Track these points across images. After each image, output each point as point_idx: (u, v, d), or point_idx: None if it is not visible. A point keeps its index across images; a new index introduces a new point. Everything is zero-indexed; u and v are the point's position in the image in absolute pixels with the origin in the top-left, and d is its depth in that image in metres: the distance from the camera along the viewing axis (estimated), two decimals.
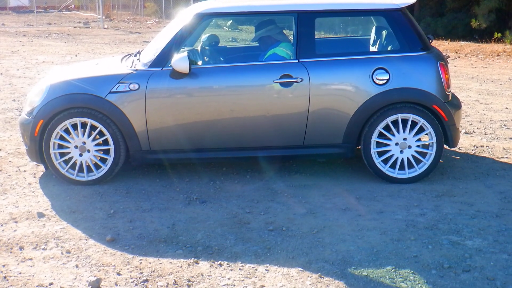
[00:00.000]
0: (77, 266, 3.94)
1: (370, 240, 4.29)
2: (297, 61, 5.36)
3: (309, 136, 5.40)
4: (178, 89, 5.31)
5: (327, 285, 3.68)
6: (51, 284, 3.70)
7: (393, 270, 3.85)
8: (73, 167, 5.43)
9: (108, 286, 3.68)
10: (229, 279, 3.77)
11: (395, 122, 5.38)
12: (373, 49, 6.05)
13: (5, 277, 3.78)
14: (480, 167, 5.89)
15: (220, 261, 3.99)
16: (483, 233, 4.41)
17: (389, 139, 5.40)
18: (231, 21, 21.30)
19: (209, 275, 3.81)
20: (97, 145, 5.39)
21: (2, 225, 4.59)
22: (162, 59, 5.34)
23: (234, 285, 3.69)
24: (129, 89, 5.28)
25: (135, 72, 5.35)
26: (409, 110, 5.33)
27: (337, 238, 4.34)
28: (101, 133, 5.37)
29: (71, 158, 5.42)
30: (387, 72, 5.32)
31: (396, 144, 5.39)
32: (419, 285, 3.66)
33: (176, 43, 5.38)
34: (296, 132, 5.39)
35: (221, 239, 4.33)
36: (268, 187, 5.40)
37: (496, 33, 17.23)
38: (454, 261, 3.96)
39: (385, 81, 5.32)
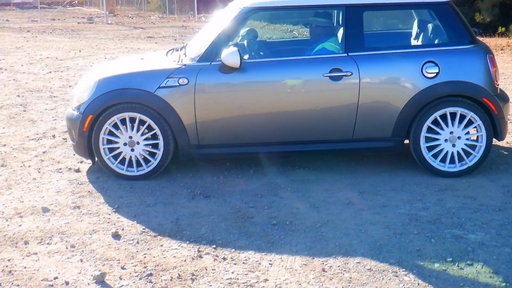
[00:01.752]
0: (81, 260, 3.96)
1: (373, 234, 4.31)
2: (346, 54, 5.37)
3: (359, 130, 5.41)
4: (227, 83, 5.32)
5: (330, 279, 3.69)
6: (55, 278, 3.73)
7: (396, 263, 3.86)
8: (122, 161, 5.45)
9: (113, 280, 3.70)
10: (232, 273, 3.79)
11: (444, 116, 5.37)
12: (415, 42, 6.04)
13: (10, 272, 3.81)
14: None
15: (224, 255, 4.01)
16: (486, 227, 4.42)
17: (439, 133, 5.39)
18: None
19: (213, 269, 3.83)
20: (146, 139, 5.40)
21: (7, 220, 4.62)
22: (211, 53, 5.36)
23: (238, 279, 3.71)
24: (178, 84, 5.29)
25: (183, 66, 5.37)
26: (459, 103, 5.33)
27: (340, 232, 4.35)
28: (150, 128, 5.38)
29: (120, 153, 5.44)
30: (436, 65, 5.32)
31: (446, 138, 5.39)
32: (422, 279, 3.67)
33: (224, 38, 5.39)
34: (345, 126, 5.40)
35: (224, 233, 4.35)
36: (271, 182, 5.42)
37: (500, 27, 17.18)
38: (457, 254, 3.97)
39: (434, 74, 5.31)
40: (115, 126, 5.39)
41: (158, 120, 5.32)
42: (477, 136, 5.44)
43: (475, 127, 5.42)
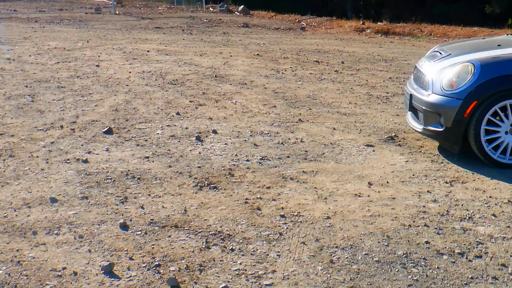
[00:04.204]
0: (89, 251, 3.97)
1: (381, 226, 4.30)
2: None
3: None
4: None
5: (338, 270, 3.69)
6: (64, 268, 3.74)
7: (405, 255, 3.85)
8: (496, 148, 5.48)
9: (121, 271, 3.71)
10: (240, 264, 3.78)
11: None
12: None
13: (18, 262, 3.82)
14: None
15: (231, 246, 4.01)
16: (495, 219, 4.40)
17: None
18: None
19: (220, 260, 3.83)
20: None
21: (15, 210, 4.63)
22: None
23: (246, 270, 3.70)
24: None
25: None
26: None
27: (349, 223, 4.34)
28: None
29: (497, 138, 5.46)
30: None
31: None
32: (430, 271, 3.66)
33: None
34: None
35: (232, 225, 4.35)
36: (279, 173, 5.41)
37: (509, 19, 17.10)
38: (466, 247, 3.96)
39: None
40: (496, 113, 5.40)
41: None
42: None
43: None
